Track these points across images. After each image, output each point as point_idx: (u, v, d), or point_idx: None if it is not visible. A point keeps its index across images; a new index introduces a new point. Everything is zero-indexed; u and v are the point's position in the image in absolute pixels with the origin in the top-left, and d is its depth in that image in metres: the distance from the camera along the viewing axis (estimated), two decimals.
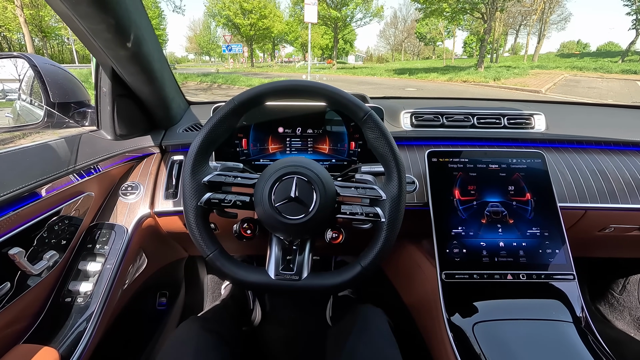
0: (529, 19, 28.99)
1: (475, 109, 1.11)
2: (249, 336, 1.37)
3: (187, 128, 1.07)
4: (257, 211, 0.69)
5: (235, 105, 0.68)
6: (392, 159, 0.68)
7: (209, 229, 0.70)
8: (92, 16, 0.58)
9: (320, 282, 0.69)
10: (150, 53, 0.79)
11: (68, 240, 0.79)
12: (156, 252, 1.10)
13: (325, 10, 28.12)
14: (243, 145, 0.97)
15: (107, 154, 0.89)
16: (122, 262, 0.84)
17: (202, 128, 0.68)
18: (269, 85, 0.69)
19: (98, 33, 0.65)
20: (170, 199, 0.94)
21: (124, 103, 0.91)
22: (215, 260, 0.68)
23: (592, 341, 0.73)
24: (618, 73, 16.66)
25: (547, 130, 1.09)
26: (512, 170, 0.92)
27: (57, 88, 0.87)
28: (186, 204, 0.68)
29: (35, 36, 27.65)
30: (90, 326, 0.73)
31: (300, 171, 0.67)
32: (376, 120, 0.68)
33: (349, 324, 0.83)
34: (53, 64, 0.92)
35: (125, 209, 0.91)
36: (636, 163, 1.03)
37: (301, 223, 0.66)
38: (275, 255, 0.72)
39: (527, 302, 0.81)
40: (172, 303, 1.28)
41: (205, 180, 0.68)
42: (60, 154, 0.77)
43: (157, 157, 1.02)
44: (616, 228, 1.02)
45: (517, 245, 0.86)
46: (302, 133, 0.98)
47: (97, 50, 0.71)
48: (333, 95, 0.69)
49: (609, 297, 1.52)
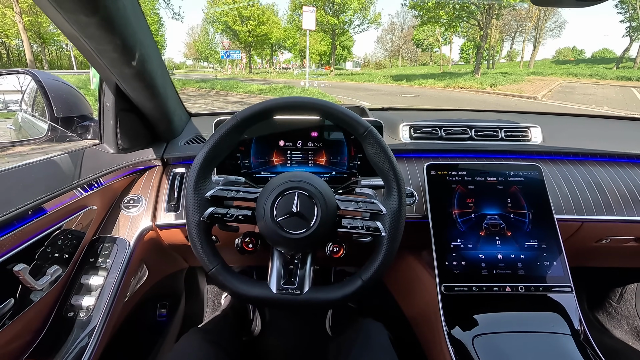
0: (524, 26, 29.34)
1: (472, 121, 1.13)
2: (249, 346, 1.37)
3: (189, 140, 1.08)
4: (259, 226, 0.70)
5: (238, 122, 0.69)
6: (392, 174, 0.70)
7: (212, 244, 0.71)
8: (100, 37, 0.60)
9: (321, 296, 0.70)
10: (154, 70, 0.80)
11: (70, 254, 0.79)
12: (157, 263, 1.10)
13: (323, 17, 28.35)
14: (245, 159, 0.98)
15: (109, 167, 0.90)
16: (124, 275, 0.84)
17: (204, 144, 0.69)
18: (271, 102, 0.70)
19: (104, 53, 0.66)
20: (172, 212, 0.95)
21: (127, 117, 0.92)
22: (218, 275, 0.69)
23: (591, 354, 0.74)
24: (613, 79, 16.84)
25: (544, 142, 1.10)
26: (510, 182, 0.94)
27: (61, 103, 0.88)
28: (189, 219, 0.69)
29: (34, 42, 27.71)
30: (93, 340, 0.73)
31: (301, 186, 0.68)
32: (376, 136, 0.70)
33: (350, 338, 0.83)
34: (57, 79, 0.93)
35: (128, 222, 0.92)
36: (631, 175, 1.04)
37: (303, 237, 0.67)
38: (277, 269, 0.73)
39: (526, 314, 0.81)
40: (172, 314, 1.28)
41: (207, 195, 0.69)
42: (64, 169, 0.78)
43: (159, 169, 1.02)
44: (613, 239, 1.04)
45: (515, 258, 0.87)
46: (302, 146, 0.99)
47: (102, 67, 0.72)
48: (333, 112, 0.71)
49: (607, 306, 1.53)
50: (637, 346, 1.39)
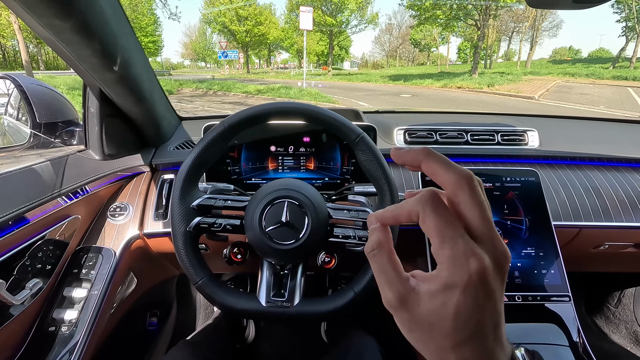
0: (521, 25, 29.42)
1: (468, 125, 1.10)
2: (242, 354, 1.34)
3: (178, 146, 1.05)
4: (247, 236, 0.68)
5: (225, 129, 0.67)
6: (385, 182, 0.68)
7: (199, 254, 0.68)
8: (78, 42, 0.57)
9: (312, 309, 0.68)
10: (139, 74, 0.78)
11: (53, 265, 0.77)
12: (146, 272, 1.07)
13: (321, 17, 28.33)
14: (235, 165, 0.96)
15: (95, 174, 0.87)
16: (109, 286, 0.81)
17: (191, 151, 0.67)
18: (260, 108, 0.68)
19: (84, 58, 0.63)
20: (160, 220, 0.92)
21: (113, 122, 0.89)
22: (205, 288, 0.67)
23: None
24: (609, 79, 16.91)
25: (541, 146, 1.08)
26: (507, 188, 0.92)
27: (43, 108, 0.85)
28: (175, 229, 0.66)
29: (30, 43, 27.54)
30: (75, 356, 0.71)
31: (291, 195, 0.66)
32: (368, 143, 0.68)
33: (342, 352, 0.81)
34: (40, 83, 0.90)
35: (114, 231, 0.89)
36: (630, 180, 1.03)
37: (293, 248, 0.65)
38: (266, 281, 0.70)
39: (523, 326, 0.79)
40: (163, 323, 1.26)
41: (194, 204, 0.67)
42: (46, 177, 0.75)
43: (147, 176, 1.00)
44: (611, 245, 1.02)
45: (512, 266, 0.85)
46: (294, 152, 0.96)
47: (84, 72, 0.70)
48: (325, 118, 0.68)
49: (605, 310, 1.51)
50: (635, 351, 1.38)
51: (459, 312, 0.24)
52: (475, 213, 0.26)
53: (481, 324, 0.25)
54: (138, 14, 28.46)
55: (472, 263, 0.24)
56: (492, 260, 0.25)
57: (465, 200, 0.26)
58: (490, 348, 0.25)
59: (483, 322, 0.25)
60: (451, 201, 0.27)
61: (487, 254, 0.25)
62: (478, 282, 0.24)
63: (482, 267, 0.24)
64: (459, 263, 0.25)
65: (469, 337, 0.25)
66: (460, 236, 0.25)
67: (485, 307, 0.25)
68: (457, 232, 0.25)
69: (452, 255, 0.25)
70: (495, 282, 0.25)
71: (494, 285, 0.25)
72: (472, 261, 0.24)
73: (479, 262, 0.24)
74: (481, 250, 0.25)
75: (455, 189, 0.26)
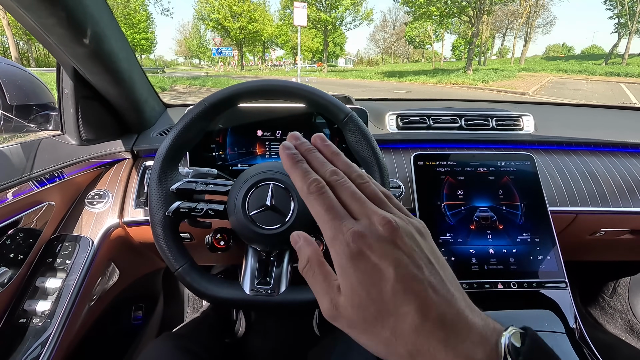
0: (515, 22, 29.52)
1: (462, 110, 1.07)
2: (232, 349, 1.31)
3: (162, 132, 1.01)
4: (230, 220, 0.64)
5: (206, 107, 0.63)
6: (375, 163, 0.64)
7: (179, 241, 0.65)
8: (39, 8, 0.53)
9: (299, 297, 0.64)
10: (114, 51, 0.73)
11: (25, 254, 0.72)
12: (129, 263, 1.03)
13: (315, 14, 28.22)
14: (220, 150, 0.92)
15: (70, 159, 0.83)
16: (86, 276, 0.77)
17: (170, 132, 0.63)
18: (242, 85, 0.64)
19: (50, 28, 0.59)
20: (141, 208, 0.88)
21: (90, 105, 0.85)
22: (185, 275, 0.63)
23: (588, 354, 0.70)
24: (602, 75, 17.05)
25: (536, 131, 1.06)
26: (502, 173, 0.89)
27: (14, 89, 0.80)
28: (153, 214, 0.62)
29: (20, 39, 27.11)
30: (48, 349, 0.66)
31: (276, 177, 0.63)
32: (357, 122, 0.64)
33: (338, 338, 0.78)
34: (10, 63, 0.85)
35: (92, 219, 0.84)
36: (626, 165, 1.00)
37: (278, 233, 0.61)
38: (250, 268, 0.67)
39: (519, 312, 0.77)
40: (149, 317, 1.21)
41: (173, 188, 0.63)
42: (15, 160, 0.70)
43: (128, 162, 0.95)
44: (607, 232, 1.00)
45: (507, 252, 0.82)
46: (282, 136, 0.93)
47: (53, 47, 0.65)
48: (311, 96, 0.65)
49: (600, 300, 1.50)
50: (630, 340, 1.36)
51: (366, 287, 0.24)
52: (346, 196, 0.29)
53: (399, 294, 0.24)
54: (130, 10, 28.13)
55: (347, 234, 0.25)
56: (369, 226, 0.26)
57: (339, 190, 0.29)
58: (444, 314, 0.24)
59: (398, 290, 0.24)
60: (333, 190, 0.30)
61: (361, 223, 0.26)
62: (361, 250, 0.25)
63: (355, 232, 0.25)
64: (337, 239, 0.26)
65: (395, 312, 0.24)
66: (337, 218, 0.27)
67: (388, 273, 0.24)
68: (335, 215, 0.27)
69: (331, 235, 0.26)
70: (389, 246, 0.25)
71: (389, 250, 0.25)
72: (346, 233, 0.25)
73: (351, 231, 0.25)
74: (354, 222, 0.26)
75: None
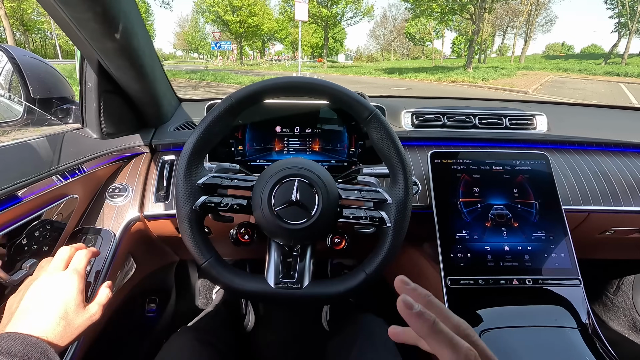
0: (515, 20, 29.48)
1: (476, 109, 1.09)
2: (242, 342, 1.32)
3: (179, 126, 1.02)
4: (255, 215, 0.65)
5: (233, 102, 0.64)
6: (399, 161, 0.65)
7: (204, 235, 0.66)
8: (77, 4, 0.53)
9: (322, 291, 0.66)
10: (141, 47, 0.74)
11: (50, 246, 0.73)
12: (145, 256, 1.04)
13: (316, 9, 28.05)
14: (239, 145, 0.92)
15: (92, 153, 0.83)
16: (109, 268, 0.78)
17: (196, 127, 0.63)
18: (269, 82, 0.65)
19: (83, 23, 0.59)
20: (161, 202, 0.89)
21: (111, 99, 0.85)
22: (211, 269, 0.64)
23: (600, 347, 0.72)
24: (601, 75, 17.09)
25: (549, 131, 1.07)
26: (516, 172, 0.90)
27: (37, 82, 0.80)
28: (180, 208, 0.63)
29: (17, 30, 26.82)
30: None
31: (301, 173, 0.63)
32: (382, 120, 0.65)
33: (351, 334, 0.79)
34: (33, 56, 0.85)
35: (113, 213, 0.85)
36: (637, 165, 1.02)
37: (303, 228, 0.62)
38: (274, 262, 0.68)
39: (533, 308, 0.78)
40: (162, 309, 1.23)
41: (200, 182, 0.64)
42: (42, 153, 0.71)
43: (146, 156, 0.96)
44: (617, 230, 1.02)
45: (522, 250, 0.84)
46: (300, 132, 0.94)
47: (82, 42, 0.66)
48: (335, 93, 0.65)
49: (603, 297, 1.52)
50: (633, 337, 1.39)
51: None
52: None
53: None
54: None
55: None
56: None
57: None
58: None
59: None
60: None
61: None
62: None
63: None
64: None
65: None
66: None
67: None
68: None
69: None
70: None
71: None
72: None
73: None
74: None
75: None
